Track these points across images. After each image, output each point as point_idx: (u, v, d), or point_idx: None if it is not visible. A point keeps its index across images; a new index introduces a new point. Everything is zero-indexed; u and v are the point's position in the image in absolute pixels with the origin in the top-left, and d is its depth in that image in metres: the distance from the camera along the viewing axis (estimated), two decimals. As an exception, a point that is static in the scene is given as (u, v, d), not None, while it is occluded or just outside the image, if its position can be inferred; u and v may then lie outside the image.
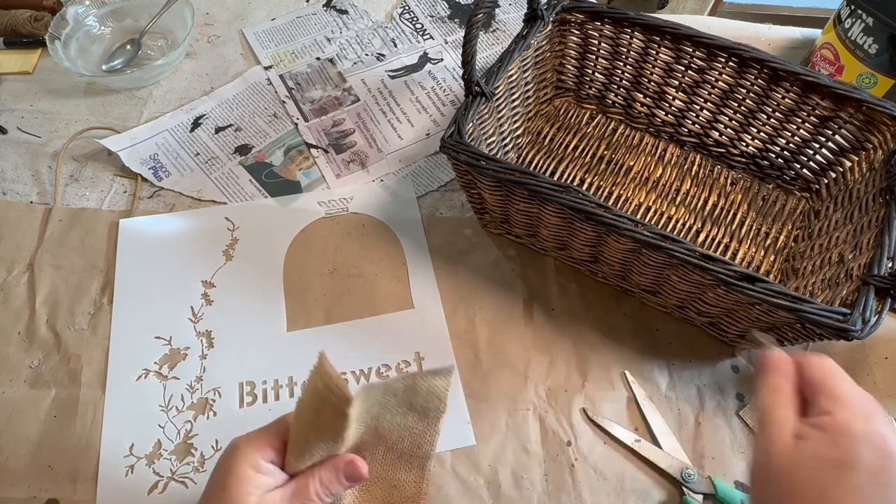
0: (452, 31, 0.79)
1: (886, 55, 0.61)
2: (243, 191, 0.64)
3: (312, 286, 0.57)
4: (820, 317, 0.40)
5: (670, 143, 0.66)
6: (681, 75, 0.62)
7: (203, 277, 0.58)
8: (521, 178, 0.46)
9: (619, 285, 0.56)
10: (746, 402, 0.52)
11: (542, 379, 0.53)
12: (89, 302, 0.56)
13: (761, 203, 0.62)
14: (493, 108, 0.57)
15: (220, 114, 0.70)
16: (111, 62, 0.73)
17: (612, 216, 0.44)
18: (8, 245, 0.59)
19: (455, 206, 0.63)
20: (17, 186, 0.64)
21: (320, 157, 0.67)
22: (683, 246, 0.43)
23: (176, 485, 0.47)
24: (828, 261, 0.51)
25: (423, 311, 0.56)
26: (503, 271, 0.59)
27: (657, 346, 0.54)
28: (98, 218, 0.61)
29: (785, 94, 0.58)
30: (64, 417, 0.50)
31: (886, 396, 0.52)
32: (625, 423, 0.51)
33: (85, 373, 0.52)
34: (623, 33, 0.62)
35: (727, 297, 0.45)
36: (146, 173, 0.64)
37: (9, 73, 0.73)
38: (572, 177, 0.64)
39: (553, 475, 0.48)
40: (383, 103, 0.71)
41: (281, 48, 0.77)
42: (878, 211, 0.49)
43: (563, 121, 0.68)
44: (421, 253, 0.60)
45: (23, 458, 0.48)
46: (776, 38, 0.78)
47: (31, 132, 0.68)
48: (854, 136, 0.56)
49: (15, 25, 0.75)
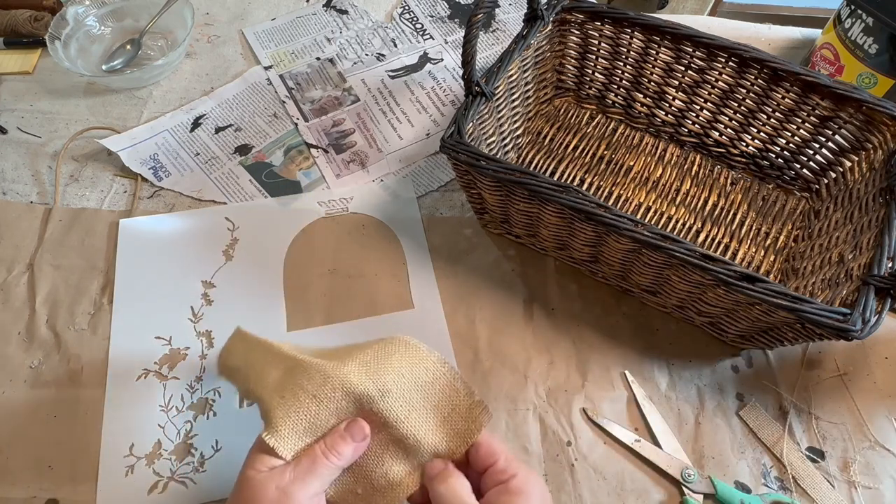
0: (452, 31, 0.79)
1: (886, 55, 0.61)
2: (243, 191, 0.64)
3: (312, 286, 0.57)
4: (820, 317, 0.40)
5: (670, 143, 0.66)
6: (681, 75, 0.62)
7: (203, 277, 0.58)
8: (521, 178, 0.46)
9: (619, 285, 0.56)
10: (746, 402, 0.52)
11: (542, 379, 0.53)
12: (89, 302, 0.56)
13: (761, 203, 0.62)
14: (493, 108, 0.57)
15: (220, 114, 0.70)
16: (111, 62, 0.73)
17: (612, 216, 0.44)
18: (8, 245, 0.59)
19: (455, 206, 0.63)
20: (17, 186, 0.64)
21: (320, 157, 0.67)
22: (683, 246, 0.43)
23: (176, 485, 0.47)
24: (828, 261, 0.51)
25: (423, 311, 0.56)
26: (503, 271, 0.59)
27: (657, 346, 0.54)
28: (98, 218, 0.61)
29: (785, 94, 0.58)
30: (64, 417, 0.50)
31: (886, 396, 0.52)
32: (625, 423, 0.51)
33: (85, 373, 0.52)
34: (623, 33, 0.62)
35: (727, 297, 0.45)
36: (146, 173, 0.64)
37: (9, 73, 0.73)
38: (572, 177, 0.64)
39: (553, 475, 0.48)
40: (383, 103, 0.71)
41: (281, 48, 0.77)
42: (878, 211, 0.49)
43: (563, 121, 0.68)
44: (421, 253, 0.60)
45: (23, 458, 0.48)
46: (776, 38, 0.78)
47: (31, 132, 0.68)
48: (854, 136, 0.56)
49: (15, 25, 0.75)
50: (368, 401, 0.37)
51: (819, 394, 0.52)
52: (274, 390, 0.38)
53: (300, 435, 0.37)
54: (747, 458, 0.49)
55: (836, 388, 0.53)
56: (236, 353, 0.43)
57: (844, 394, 0.52)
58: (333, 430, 0.37)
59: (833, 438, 0.50)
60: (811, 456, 0.49)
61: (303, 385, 0.37)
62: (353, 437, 0.37)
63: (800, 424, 0.51)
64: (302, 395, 0.37)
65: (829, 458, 0.49)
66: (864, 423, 0.51)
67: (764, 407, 0.51)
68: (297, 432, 0.37)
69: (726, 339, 0.53)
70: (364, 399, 0.37)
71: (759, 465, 0.49)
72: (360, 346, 0.41)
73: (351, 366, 0.38)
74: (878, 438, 0.50)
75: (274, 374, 0.39)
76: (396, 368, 0.39)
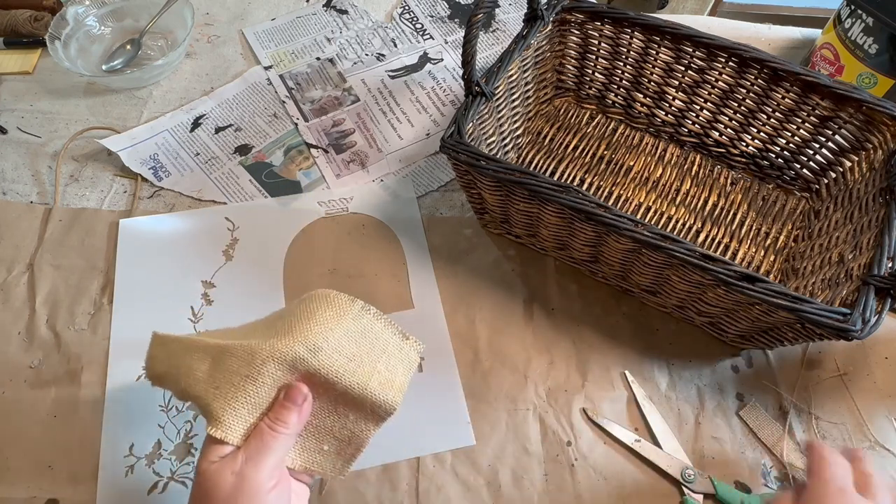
0: (452, 31, 0.79)
1: (886, 55, 0.61)
2: (243, 191, 0.64)
3: (312, 286, 0.57)
4: (820, 317, 0.40)
5: (670, 143, 0.66)
6: (681, 75, 0.62)
7: (203, 277, 0.58)
8: (521, 178, 0.46)
9: (619, 285, 0.56)
10: (746, 402, 0.52)
11: (542, 379, 0.53)
12: (89, 302, 0.56)
13: (761, 203, 0.62)
14: (493, 108, 0.57)
15: (220, 114, 0.70)
16: (111, 62, 0.73)
17: (612, 216, 0.44)
18: (8, 245, 0.59)
19: (455, 206, 0.63)
20: (17, 186, 0.64)
21: (320, 157, 0.67)
22: (683, 246, 0.43)
23: (176, 485, 0.47)
24: (828, 261, 0.51)
25: (423, 311, 0.56)
26: (503, 271, 0.59)
27: (657, 346, 0.54)
28: (98, 218, 0.61)
29: (785, 94, 0.58)
30: (64, 417, 0.50)
31: (886, 396, 0.52)
32: (625, 423, 0.51)
33: (85, 373, 0.52)
34: (623, 33, 0.62)
35: (727, 297, 0.45)
36: (146, 173, 0.64)
37: (9, 73, 0.73)
38: (572, 177, 0.64)
39: (553, 475, 0.48)
40: (383, 103, 0.71)
41: (281, 48, 0.77)
42: (878, 211, 0.49)
43: (563, 121, 0.68)
44: (421, 253, 0.60)
45: (23, 458, 0.48)
46: (776, 38, 0.78)
47: (31, 132, 0.68)
48: (854, 136, 0.56)
49: (15, 25, 0.75)
50: (303, 363, 0.37)
51: (819, 394, 0.52)
52: (206, 384, 0.38)
53: (244, 418, 0.37)
54: (747, 458, 0.49)
55: (836, 388, 0.53)
56: (159, 359, 0.42)
57: (844, 394, 0.52)
58: (275, 402, 0.37)
59: (833, 438, 0.50)
60: (811, 456, 0.49)
61: (233, 369, 0.37)
62: (295, 402, 0.37)
63: (800, 424, 0.51)
64: (235, 378, 0.37)
65: (829, 458, 0.49)
66: (864, 423, 0.51)
67: (764, 407, 0.51)
68: (240, 416, 0.37)
69: (726, 339, 0.53)
70: (298, 363, 0.37)
71: (759, 465, 0.49)
72: (280, 313, 0.41)
73: (276, 336, 0.38)
74: (878, 438, 0.50)
75: (202, 369, 0.38)
76: (322, 324, 0.38)
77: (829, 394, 0.52)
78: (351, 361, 0.38)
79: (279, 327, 0.39)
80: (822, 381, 0.53)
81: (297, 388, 0.37)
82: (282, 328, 0.38)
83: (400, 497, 0.47)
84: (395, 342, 0.41)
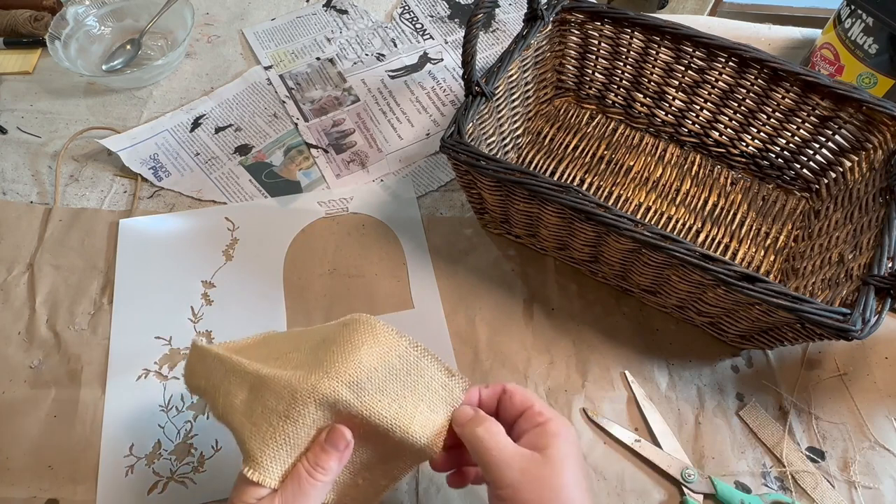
0: (452, 31, 0.79)
1: (886, 55, 0.61)
2: (243, 191, 0.64)
3: (312, 286, 0.57)
4: (820, 317, 0.40)
5: (670, 143, 0.66)
6: (681, 75, 0.62)
7: (203, 277, 0.58)
8: (521, 178, 0.46)
9: (619, 285, 0.56)
10: (746, 402, 0.52)
11: (542, 379, 0.53)
12: (89, 302, 0.56)
13: (761, 203, 0.62)
14: (493, 108, 0.57)
15: (220, 114, 0.70)
16: (111, 62, 0.73)
17: (612, 216, 0.44)
18: (8, 245, 0.59)
19: (455, 206, 0.63)
20: (17, 186, 0.64)
21: (320, 157, 0.67)
22: (683, 246, 0.43)
23: (176, 485, 0.47)
24: (828, 261, 0.51)
25: (423, 311, 0.56)
26: (503, 271, 0.59)
27: (657, 346, 0.54)
28: (98, 218, 0.61)
29: (785, 94, 0.58)
30: (64, 417, 0.50)
31: (886, 396, 0.52)
32: (625, 423, 0.51)
33: (85, 373, 0.52)
34: (623, 33, 0.62)
35: (727, 297, 0.45)
36: (146, 173, 0.64)
37: (9, 73, 0.73)
38: (572, 177, 0.64)
39: (553, 475, 0.48)
40: (383, 103, 0.71)
41: (281, 48, 0.77)
42: (878, 211, 0.49)
43: (563, 121, 0.68)
44: (421, 253, 0.60)
45: (23, 458, 0.48)
46: (776, 38, 0.78)
47: (31, 132, 0.68)
48: (854, 136, 0.56)
49: (15, 25, 0.75)
50: (345, 405, 0.36)
51: (819, 394, 0.52)
52: (244, 416, 0.36)
53: (282, 460, 0.35)
54: (747, 458, 0.49)
55: (836, 388, 0.53)
56: (198, 373, 0.41)
57: (844, 394, 0.52)
58: (314, 444, 0.36)
59: (833, 438, 0.50)
60: (811, 456, 0.49)
61: (272, 407, 0.36)
62: (337, 448, 0.35)
63: (800, 424, 0.51)
64: (274, 418, 0.35)
65: (829, 458, 0.49)
66: (865, 423, 0.51)
67: (764, 407, 0.51)
68: (278, 458, 0.35)
69: (726, 339, 0.53)
70: (340, 404, 0.36)
71: (759, 465, 0.49)
72: (323, 335, 0.39)
73: (318, 373, 0.36)
74: (878, 438, 0.50)
75: (240, 397, 0.37)
76: (367, 362, 0.37)
77: (829, 394, 0.52)
78: (394, 402, 0.37)
79: (321, 357, 0.37)
80: (822, 381, 0.53)
81: (339, 433, 0.36)
82: (324, 359, 0.37)
83: (400, 497, 0.47)
84: (440, 379, 0.39)
